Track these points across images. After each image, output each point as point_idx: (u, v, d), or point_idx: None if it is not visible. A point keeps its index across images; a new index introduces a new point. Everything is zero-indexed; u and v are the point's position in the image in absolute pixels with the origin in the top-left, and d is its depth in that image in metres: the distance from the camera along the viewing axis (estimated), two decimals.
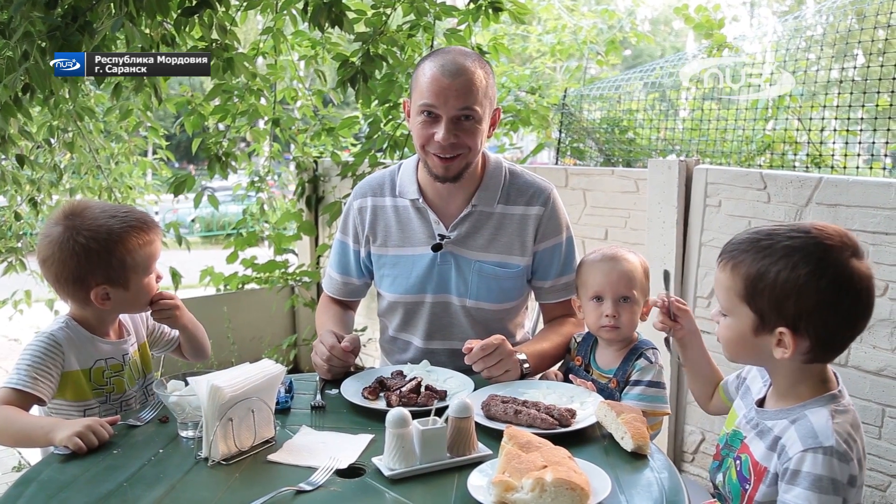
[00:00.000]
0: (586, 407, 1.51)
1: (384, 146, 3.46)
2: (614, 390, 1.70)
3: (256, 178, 4.46)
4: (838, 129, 3.31)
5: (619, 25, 5.74)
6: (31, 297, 4.44)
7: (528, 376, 1.73)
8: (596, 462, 1.28)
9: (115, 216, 1.60)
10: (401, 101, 3.17)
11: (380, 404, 1.58)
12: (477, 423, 1.38)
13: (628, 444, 1.35)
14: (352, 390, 1.65)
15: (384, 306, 2.03)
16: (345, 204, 2.06)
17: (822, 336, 1.19)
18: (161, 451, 1.39)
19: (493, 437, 1.37)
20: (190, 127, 3.69)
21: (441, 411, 1.37)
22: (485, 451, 1.34)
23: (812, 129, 3.42)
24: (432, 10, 3.07)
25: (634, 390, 1.66)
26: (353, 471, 1.31)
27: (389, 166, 2.05)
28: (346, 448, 1.38)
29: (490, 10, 3.06)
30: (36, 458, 1.43)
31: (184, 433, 1.45)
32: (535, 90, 4.88)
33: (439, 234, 1.89)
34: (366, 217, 1.97)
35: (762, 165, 3.65)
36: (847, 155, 3.16)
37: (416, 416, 1.34)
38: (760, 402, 1.33)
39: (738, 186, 2.71)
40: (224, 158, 3.61)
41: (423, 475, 1.28)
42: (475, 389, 1.62)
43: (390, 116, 3.48)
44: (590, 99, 4.62)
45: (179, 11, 2.75)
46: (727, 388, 1.53)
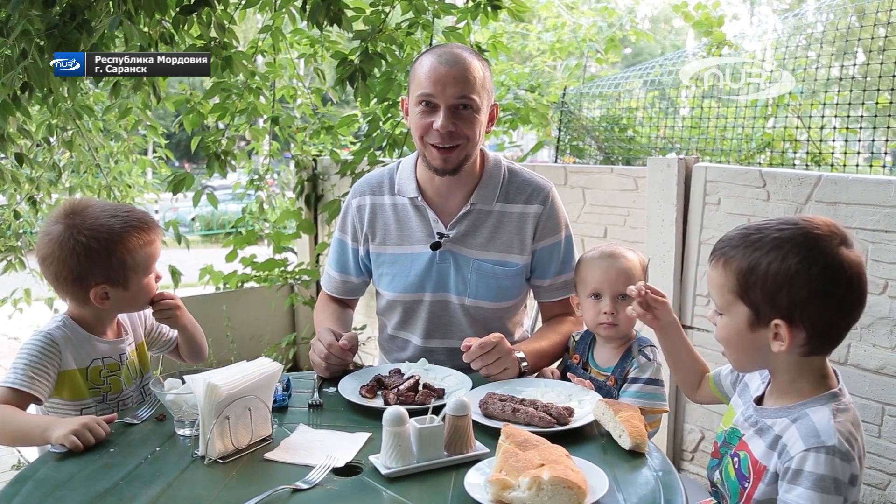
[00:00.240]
0: (584, 405, 1.51)
1: (383, 144, 3.45)
2: (612, 388, 1.69)
3: (256, 177, 4.46)
4: (838, 127, 3.30)
5: (618, 23, 5.74)
6: (31, 295, 4.44)
7: (526, 374, 1.73)
8: (593, 460, 1.28)
9: (116, 215, 1.59)
10: (399, 99, 3.16)
11: (377, 402, 1.58)
12: (474, 421, 1.38)
13: (626, 443, 1.35)
14: (349, 388, 1.64)
15: (383, 305, 2.03)
16: (344, 202, 2.06)
17: (818, 326, 1.19)
18: (158, 449, 1.39)
19: (491, 436, 1.37)
20: (189, 125, 3.68)
21: (438, 409, 1.37)
22: (482, 450, 1.34)
23: (812, 127, 3.41)
24: (431, 8, 3.06)
25: (632, 388, 1.65)
26: (350, 469, 1.31)
27: (388, 164, 2.05)
28: (343, 446, 1.38)
29: (489, 8, 3.06)
30: (34, 457, 1.43)
31: (180, 431, 1.45)
32: (534, 88, 4.88)
33: (438, 233, 1.88)
34: (364, 215, 1.97)
35: (762, 163, 3.65)
36: (847, 153, 3.16)
37: (413, 414, 1.33)
38: (759, 400, 1.33)
39: (738, 184, 2.71)
40: (223, 157, 3.60)
41: (420, 473, 1.28)
42: (473, 388, 1.62)
43: (389, 115, 3.48)
44: (589, 97, 4.61)
45: (178, 9, 2.75)
46: (719, 380, 1.52)
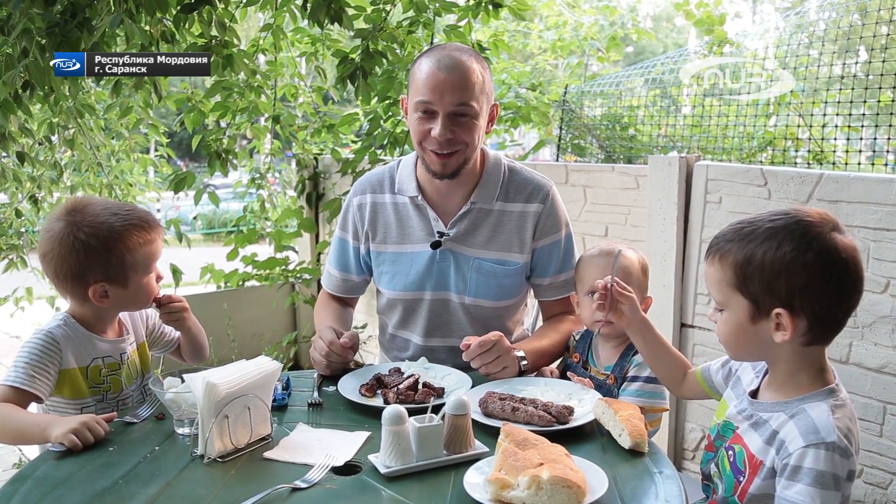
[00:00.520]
0: (584, 404, 1.51)
1: (384, 143, 3.45)
2: (612, 387, 1.69)
3: (257, 176, 4.46)
4: (840, 126, 3.30)
5: (620, 22, 5.73)
6: (33, 294, 4.45)
7: (526, 373, 1.73)
8: (593, 460, 1.27)
9: (116, 213, 1.59)
10: (400, 97, 3.16)
11: (377, 401, 1.58)
12: (474, 420, 1.38)
13: (626, 442, 1.34)
14: (349, 387, 1.64)
15: (383, 303, 2.03)
16: (344, 201, 2.05)
17: (818, 312, 1.20)
18: (157, 448, 1.39)
19: (490, 435, 1.36)
20: (190, 124, 3.68)
21: (438, 408, 1.36)
22: (481, 449, 1.34)
23: (814, 126, 3.40)
24: (432, 7, 3.06)
25: (632, 386, 1.65)
26: (350, 468, 1.31)
27: (389, 163, 2.05)
28: (342, 445, 1.38)
29: (490, 7, 3.05)
30: (35, 456, 1.43)
31: (180, 430, 1.45)
32: (535, 87, 4.88)
33: (438, 232, 1.88)
34: (365, 213, 1.97)
35: (763, 162, 3.64)
36: (849, 151, 3.15)
37: (413, 413, 1.33)
38: (754, 394, 1.33)
39: (739, 183, 2.70)
40: (224, 155, 3.61)
41: (420, 472, 1.28)
42: (473, 387, 1.62)
43: (390, 113, 3.47)
44: (591, 95, 4.61)
45: (179, 8, 2.75)
46: (709, 375, 1.51)
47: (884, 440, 2.34)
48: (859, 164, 3.11)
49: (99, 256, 1.55)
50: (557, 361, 1.89)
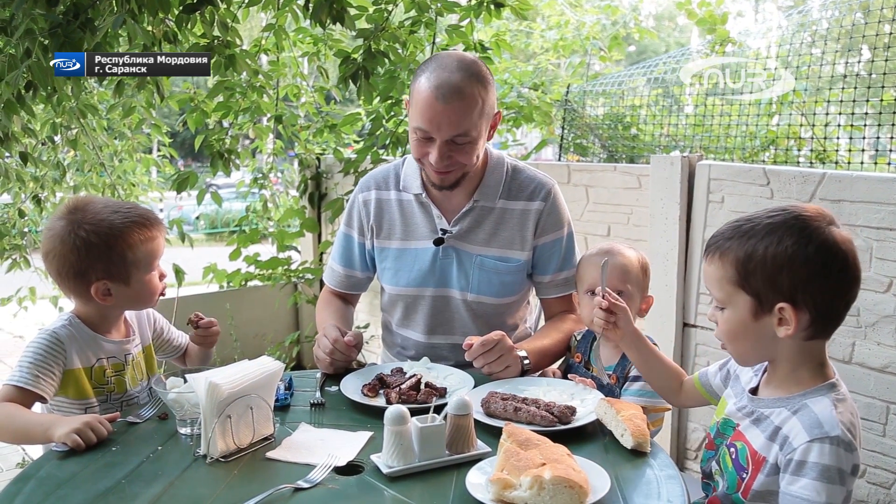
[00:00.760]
0: (586, 404, 1.51)
1: (386, 143, 3.46)
2: (614, 387, 1.69)
3: (259, 175, 4.47)
4: (843, 125, 3.29)
5: (622, 21, 5.73)
6: (36, 294, 4.47)
7: (528, 373, 1.73)
8: (595, 460, 1.27)
9: (117, 211, 1.59)
10: (403, 97, 3.16)
11: (379, 401, 1.58)
12: (476, 420, 1.38)
13: (628, 442, 1.34)
14: (351, 387, 1.64)
15: (386, 300, 2.04)
16: (347, 200, 2.06)
17: (820, 305, 1.20)
18: (160, 448, 1.39)
19: (493, 435, 1.36)
20: (193, 124, 3.69)
21: (440, 408, 1.36)
22: (484, 449, 1.34)
23: (816, 125, 3.40)
24: (434, 7, 3.06)
25: (634, 386, 1.65)
26: (352, 468, 1.31)
27: (394, 161, 2.06)
28: (344, 445, 1.38)
29: (492, 6, 3.05)
30: (39, 455, 1.44)
31: (182, 430, 1.45)
32: (537, 86, 4.87)
33: (441, 229, 1.89)
34: (371, 209, 1.98)
35: (766, 161, 3.64)
36: (852, 150, 3.15)
37: (415, 413, 1.33)
38: (753, 391, 1.33)
39: (741, 182, 2.70)
40: (227, 155, 3.61)
41: (422, 473, 1.28)
42: (475, 387, 1.62)
43: (392, 113, 3.48)
44: (593, 95, 4.61)
45: (181, 8, 2.76)
46: (707, 380, 1.52)
47: (887, 440, 2.34)
48: (862, 163, 3.11)
49: (100, 254, 1.55)
50: (559, 361, 1.89)
